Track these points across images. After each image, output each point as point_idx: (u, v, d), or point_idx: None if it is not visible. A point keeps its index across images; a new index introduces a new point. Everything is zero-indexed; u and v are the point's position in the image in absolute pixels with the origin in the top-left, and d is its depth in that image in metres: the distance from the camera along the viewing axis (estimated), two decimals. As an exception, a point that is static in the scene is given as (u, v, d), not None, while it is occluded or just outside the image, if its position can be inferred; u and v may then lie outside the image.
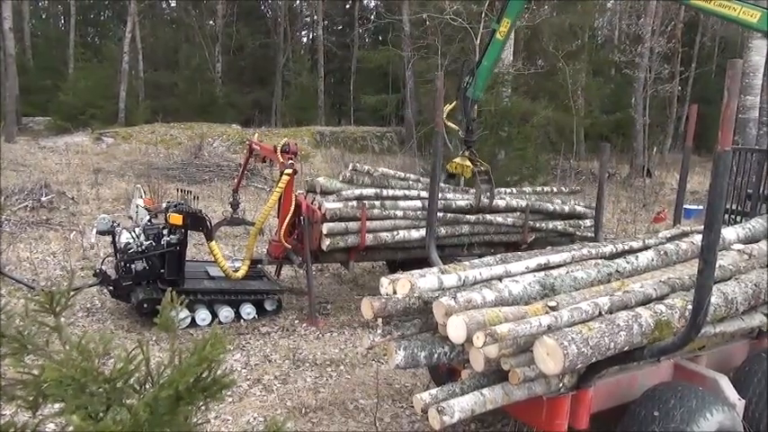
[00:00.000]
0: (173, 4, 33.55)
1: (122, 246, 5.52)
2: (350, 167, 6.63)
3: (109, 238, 5.93)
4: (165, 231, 5.57)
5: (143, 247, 5.45)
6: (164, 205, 5.89)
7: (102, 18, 34.52)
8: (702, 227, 2.71)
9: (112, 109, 21.74)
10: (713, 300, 2.99)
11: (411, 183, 6.78)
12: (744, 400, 3.42)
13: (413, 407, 2.99)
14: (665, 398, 3.05)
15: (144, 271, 5.44)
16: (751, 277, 3.55)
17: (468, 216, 6.57)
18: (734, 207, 5.89)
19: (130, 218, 6.48)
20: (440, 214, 6.20)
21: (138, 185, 6.91)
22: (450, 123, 6.83)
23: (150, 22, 30.82)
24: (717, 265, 3.40)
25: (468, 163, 6.56)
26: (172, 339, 1.75)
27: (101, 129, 18.15)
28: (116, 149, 16.27)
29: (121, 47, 23.49)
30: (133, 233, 5.61)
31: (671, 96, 20.60)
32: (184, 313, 5.39)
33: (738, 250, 4.10)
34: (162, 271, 5.46)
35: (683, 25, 19.66)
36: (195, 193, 6.94)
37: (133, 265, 5.42)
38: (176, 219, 5.41)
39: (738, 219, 5.74)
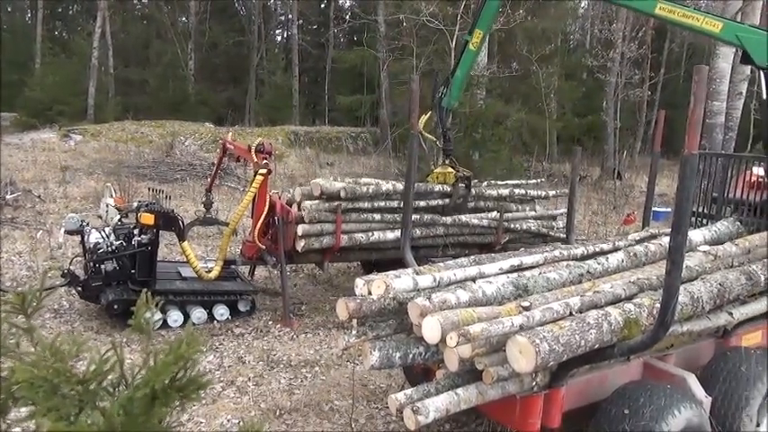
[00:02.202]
0: (144, 0, 33.04)
1: (92, 246, 5.41)
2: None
3: (77, 238, 5.81)
4: (135, 231, 5.48)
5: (113, 247, 5.36)
6: (135, 204, 5.80)
7: (71, 12, 33.74)
8: (670, 229, 2.78)
9: (81, 105, 21.27)
10: (680, 299, 3.08)
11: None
12: (710, 398, 3.51)
13: (388, 407, 3.00)
14: (634, 396, 3.12)
15: (114, 271, 5.34)
16: (716, 277, 3.65)
17: (443, 218, 6.62)
18: (701, 210, 6.03)
19: (100, 217, 6.36)
20: (415, 216, 6.23)
21: (108, 184, 6.78)
22: (426, 134, 6.89)
23: (121, 17, 30.22)
24: (684, 266, 3.50)
25: (450, 170, 6.65)
26: (146, 341, 1.73)
27: (69, 125, 17.74)
28: (84, 147, 15.91)
29: (91, 42, 23.00)
30: (103, 233, 5.51)
31: (641, 101, 21.04)
32: (156, 315, 5.31)
33: (704, 252, 4.22)
34: (133, 271, 5.37)
35: (652, 32, 20.09)
36: (167, 193, 6.85)
37: (103, 266, 5.32)
38: (148, 218, 5.33)
39: (705, 221, 5.88)
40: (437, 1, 14.12)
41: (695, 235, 4.66)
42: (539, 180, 8.46)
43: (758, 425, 3.72)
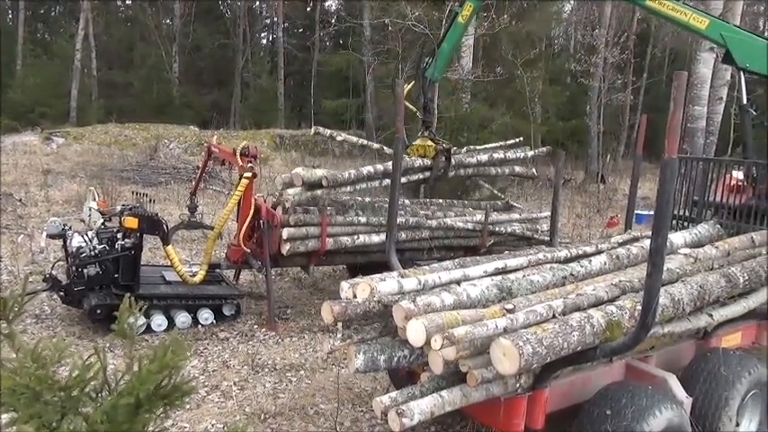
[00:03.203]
0: (128, 2, 32.78)
1: (74, 250, 5.35)
2: (312, 131, 6.53)
3: (59, 242, 5.75)
4: (119, 235, 5.44)
5: (96, 251, 5.30)
6: (118, 208, 5.76)
7: (53, 14, 33.40)
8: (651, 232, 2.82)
9: (63, 108, 21.06)
10: (661, 301, 3.12)
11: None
12: (691, 398, 3.56)
13: (373, 410, 3.01)
14: (616, 397, 3.15)
15: (97, 276, 5.29)
16: (696, 280, 3.71)
17: (429, 221, 6.64)
18: (682, 213, 6.11)
19: (83, 221, 6.29)
20: (400, 219, 6.25)
21: (91, 187, 6.72)
22: (408, 104, 6.85)
23: (104, 19, 29.95)
24: (665, 269, 3.55)
25: (430, 142, 6.60)
26: (129, 346, 1.72)
27: (51, 128, 17.54)
28: (67, 150, 15.73)
29: (73, 44, 22.78)
30: (86, 237, 5.46)
31: (624, 105, 21.29)
32: (140, 319, 5.26)
33: (685, 254, 4.28)
34: (116, 276, 5.33)
35: (635, 37, 20.37)
36: (151, 196, 6.80)
37: (86, 270, 5.26)
38: (131, 222, 5.29)
39: (687, 224, 5.96)
40: (422, 5, 14.18)
41: (676, 238, 4.74)
42: (517, 139, 8.37)
43: (738, 425, 3.78)
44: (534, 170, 8.02)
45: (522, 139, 8.64)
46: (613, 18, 19.99)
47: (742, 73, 6.26)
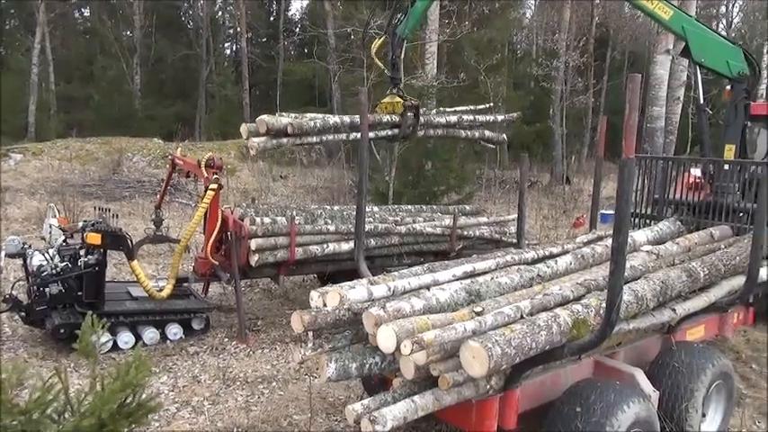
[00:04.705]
0: (86, 14, 32.11)
1: (35, 269, 5.22)
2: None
3: (19, 261, 5.59)
4: (82, 252, 5.31)
5: (58, 269, 5.18)
6: (80, 224, 5.63)
7: (8, 27, 32.49)
8: (613, 231, 2.88)
9: (20, 123, 20.48)
10: (625, 298, 3.19)
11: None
12: (658, 392, 3.65)
13: (347, 419, 2.99)
14: (585, 393, 3.21)
15: (60, 294, 5.17)
16: (659, 276, 3.80)
17: (398, 227, 6.66)
18: (645, 211, 6.26)
19: (43, 239, 6.13)
20: (369, 227, 6.24)
21: (52, 204, 6.56)
22: (377, 61, 6.78)
23: (62, 32, 29.29)
24: (628, 266, 3.64)
25: (398, 99, 6.47)
26: (93, 365, 1.68)
27: (8, 144, 17.02)
28: (26, 166, 15.28)
29: (30, 58, 22.21)
30: (47, 255, 5.32)
31: (586, 107, 21.73)
32: (105, 337, 5.14)
33: (647, 251, 4.40)
34: (79, 293, 5.21)
35: (594, 41, 20.83)
36: (114, 211, 6.66)
37: (47, 289, 5.14)
38: (94, 238, 5.19)
39: (649, 222, 6.11)
40: (384, 14, 14.25)
41: (638, 235, 4.86)
42: (487, 105, 8.32)
43: (703, 415, 3.88)
44: (504, 135, 7.88)
45: (492, 104, 8.58)
46: (573, 23, 20.46)
47: (699, 70, 6.46)
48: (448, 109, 7.54)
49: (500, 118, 7.83)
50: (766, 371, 5.46)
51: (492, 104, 8.52)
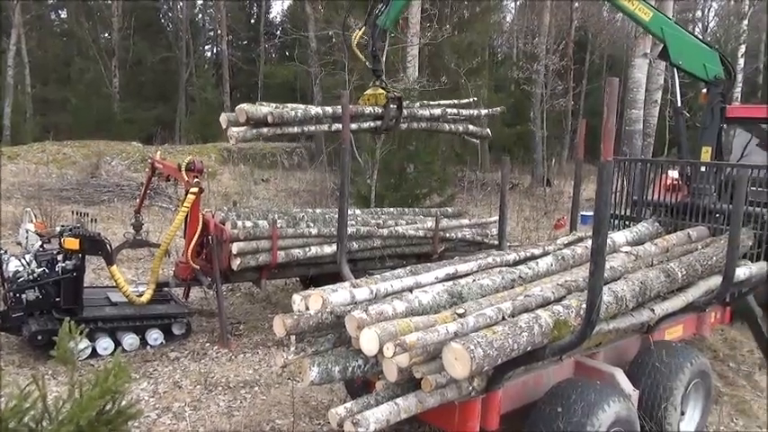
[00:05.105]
0: (63, 16, 31.66)
1: (11, 274, 5.13)
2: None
3: (-5, 267, 5.48)
4: (59, 257, 5.23)
5: (35, 274, 5.09)
6: (57, 229, 5.54)
7: (-18, 29, 31.94)
8: (593, 232, 2.92)
9: (-5, 127, 20.14)
10: (605, 298, 3.23)
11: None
12: (638, 391, 3.70)
13: (330, 423, 2.99)
14: (566, 394, 3.24)
15: (37, 300, 5.08)
16: (638, 276, 3.86)
17: (380, 230, 6.66)
18: (624, 213, 6.33)
19: (19, 244, 6.03)
20: (351, 230, 6.23)
21: (28, 209, 6.44)
22: (358, 53, 6.75)
23: (38, 33, 28.85)
24: (607, 267, 3.68)
25: (381, 91, 6.43)
26: (71, 372, 1.66)
27: (-18, 148, 16.70)
28: (1, 170, 15.04)
29: (5, 60, 21.83)
30: (23, 260, 5.23)
31: (566, 110, 21.96)
32: (84, 343, 5.06)
33: (626, 252, 4.45)
34: (57, 299, 5.13)
35: (573, 44, 21.07)
36: (93, 215, 6.58)
37: (24, 295, 5.05)
38: (72, 243, 5.11)
39: (628, 223, 6.18)
40: (365, 16, 14.27)
41: (618, 237, 4.91)
42: (471, 99, 8.30)
43: (682, 413, 3.94)
44: (488, 130, 7.89)
45: (476, 99, 8.61)
46: (552, 26, 20.68)
47: (676, 73, 6.55)
48: (432, 102, 7.50)
49: (483, 112, 7.85)
50: (743, 369, 5.56)
51: (476, 99, 8.55)
